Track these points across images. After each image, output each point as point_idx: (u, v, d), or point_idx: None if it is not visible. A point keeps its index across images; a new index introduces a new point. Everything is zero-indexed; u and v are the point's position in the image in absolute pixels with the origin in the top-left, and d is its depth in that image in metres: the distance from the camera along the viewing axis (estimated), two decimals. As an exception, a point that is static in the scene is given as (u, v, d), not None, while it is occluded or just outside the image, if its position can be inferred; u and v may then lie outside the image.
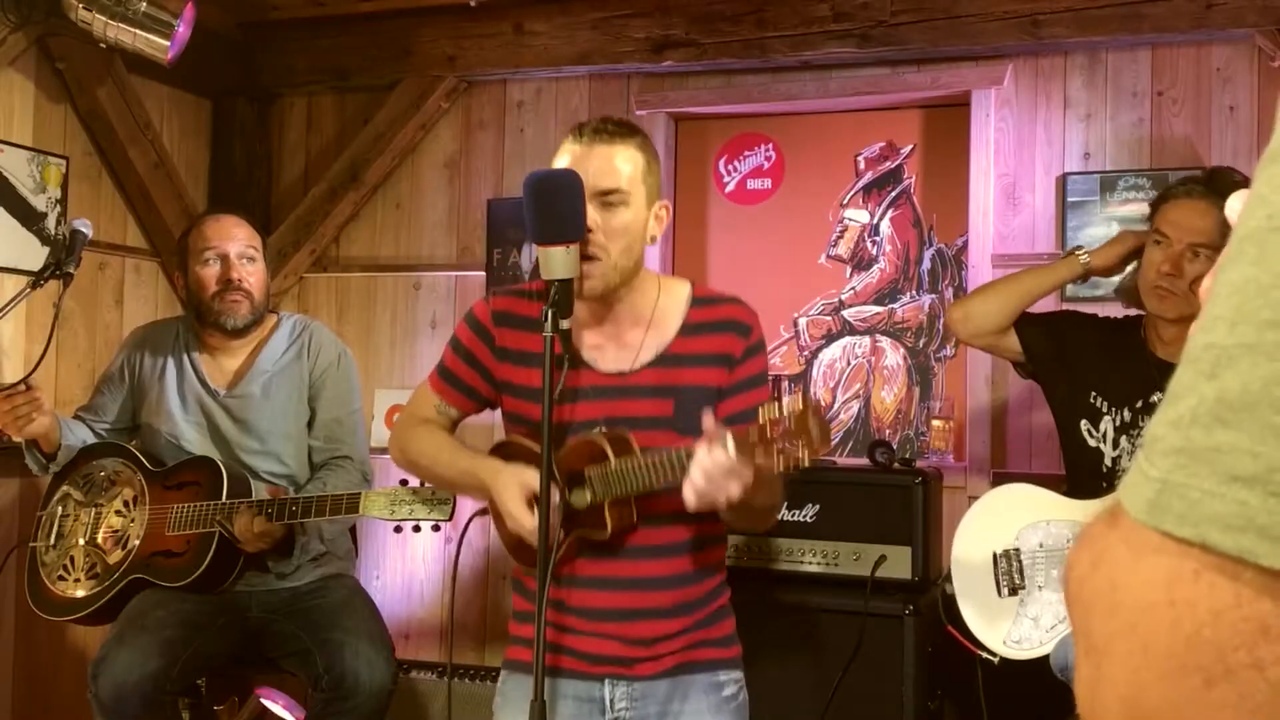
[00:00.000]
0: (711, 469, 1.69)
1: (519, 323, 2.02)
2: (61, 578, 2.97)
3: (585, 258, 1.87)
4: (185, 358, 3.02)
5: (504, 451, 2.03)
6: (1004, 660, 2.77)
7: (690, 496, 1.73)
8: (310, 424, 3.02)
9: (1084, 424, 2.78)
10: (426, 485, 2.67)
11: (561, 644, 1.96)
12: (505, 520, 1.92)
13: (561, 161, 1.95)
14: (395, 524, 2.71)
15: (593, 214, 1.88)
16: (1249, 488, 0.35)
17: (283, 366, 3.01)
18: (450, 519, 2.67)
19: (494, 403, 2.10)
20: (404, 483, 2.71)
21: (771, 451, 1.67)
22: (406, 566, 4.20)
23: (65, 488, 3.03)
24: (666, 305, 1.99)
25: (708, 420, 1.73)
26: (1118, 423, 2.75)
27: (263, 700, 3.05)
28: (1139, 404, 2.74)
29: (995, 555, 2.80)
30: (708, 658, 1.99)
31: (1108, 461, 2.77)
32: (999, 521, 2.82)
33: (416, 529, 2.71)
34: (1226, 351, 0.36)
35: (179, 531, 2.84)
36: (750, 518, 1.94)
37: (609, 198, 1.90)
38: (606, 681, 1.96)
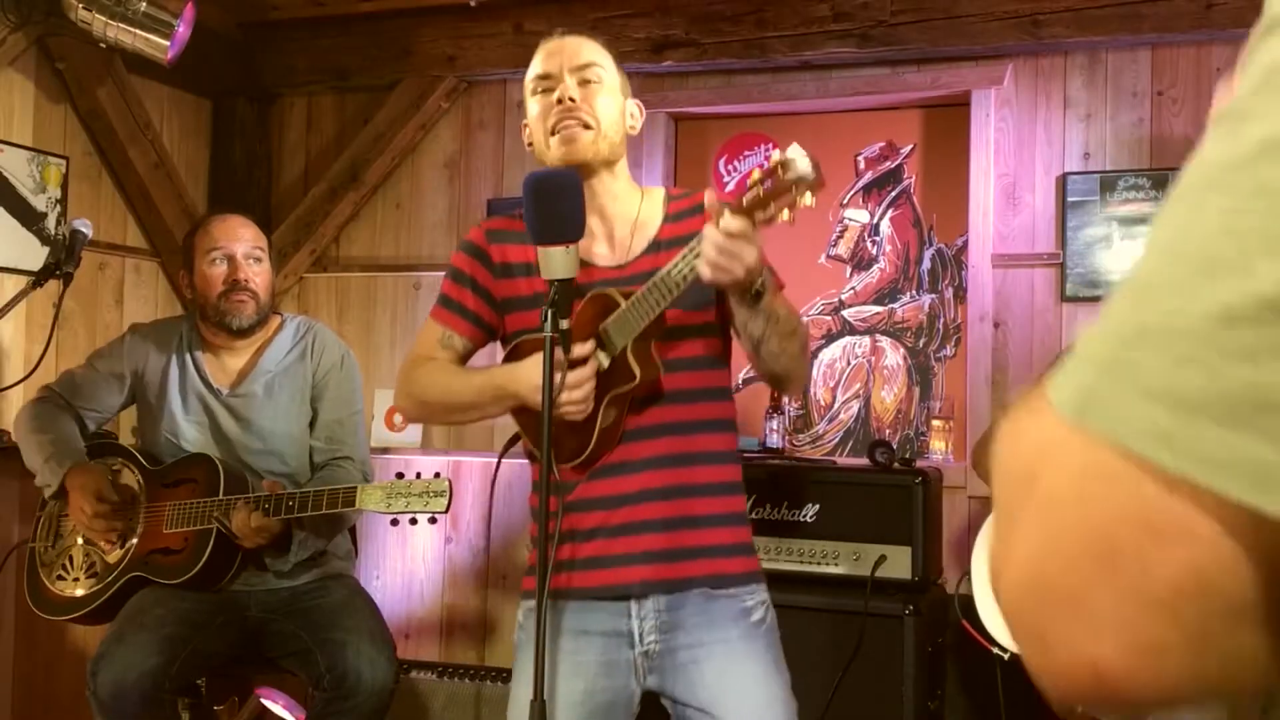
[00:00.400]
0: (721, 239, 1.72)
1: (514, 237, 2.05)
2: (60, 577, 2.97)
3: (577, 125, 1.94)
4: (188, 357, 3.02)
5: (515, 354, 2.02)
6: (1014, 656, 2.80)
7: (705, 270, 1.74)
8: (312, 424, 3.02)
9: None
10: (423, 478, 2.66)
11: (589, 554, 1.94)
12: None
13: (537, 61, 2.04)
14: (392, 517, 2.70)
15: (574, 89, 1.97)
16: (1158, 402, 0.40)
17: (286, 367, 3.02)
18: (447, 510, 2.65)
19: (496, 331, 2.09)
20: (400, 476, 2.70)
21: (768, 203, 1.70)
22: (406, 566, 4.20)
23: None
24: (650, 202, 2.07)
25: (709, 196, 1.79)
26: None
27: (263, 700, 3.04)
28: None
29: None
30: (731, 571, 1.96)
31: None
32: None
33: (413, 521, 2.70)
34: (1154, 285, 0.41)
35: (176, 529, 2.84)
36: (779, 336, 1.88)
37: (587, 72, 2.00)
38: (633, 607, 1.92)
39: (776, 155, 1.72)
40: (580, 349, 1.87)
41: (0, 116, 3.61)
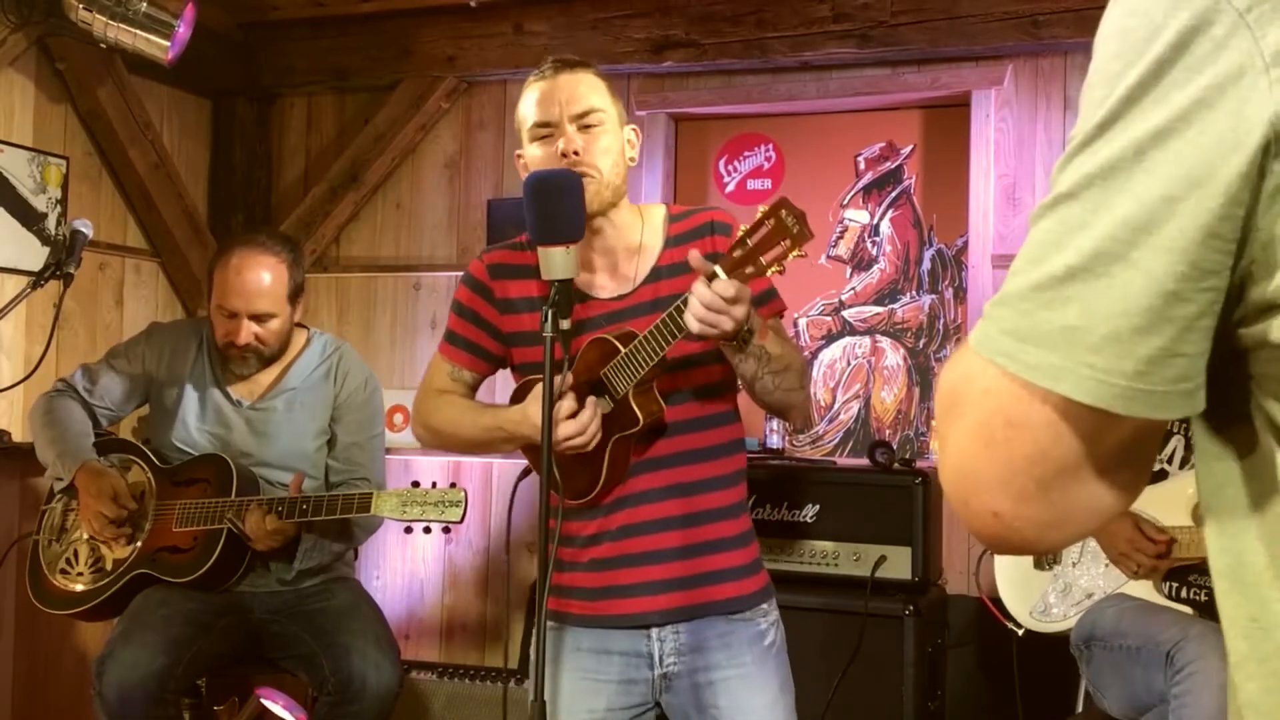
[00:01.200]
0: (710, 298, 1.76)
1: (515, 272, 2.06)
2: (64, 571, 2.96)
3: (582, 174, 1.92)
4: (208, 366, 2.99)
5: (522, 394, 2.06)
6: (1028, 632, 2.81)
7: (694, 325, 1.79)
8: (330, 444, 3.01)
9: None
10: (438, 487, 2.67)
11: (608, 584, 1.99)
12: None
13: (529, 102, 2.00)
14: (406, 525, 2.70)
15: (575, 138, 1.94)
16: (1008, 335, 0.67)
17: (310, 385, 2.99)
18: (461, 521, 2.65)
19: (505, 360, 2.13)
20: (415, 484, 2.70)
21: (757, 259, 1.76)
22: (407, 566, 4.20)
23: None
24: (651, 226, 2.06)
25: (693, 256, 1.82)
26: (1190, 439, 2.72)
27: (263, 700, 3.04)
28: None
29: None
30: (747, 592, 2.01)
31: (1165, 481, 2.76)
32: None
33: (427, 530, 2.70)
34: (1014, 270, 0.68)
35: (186, 528, 2.83)
36: (771, 374, 1.93)
37: (587, 119, 1.96)
38: (654, 632, 1.98)
39: (762, 211, 1.77)
40: (567, 403, 1.90)
41: (0, 116, 3.61)
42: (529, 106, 2.00)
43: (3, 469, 3.51)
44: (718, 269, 1.77)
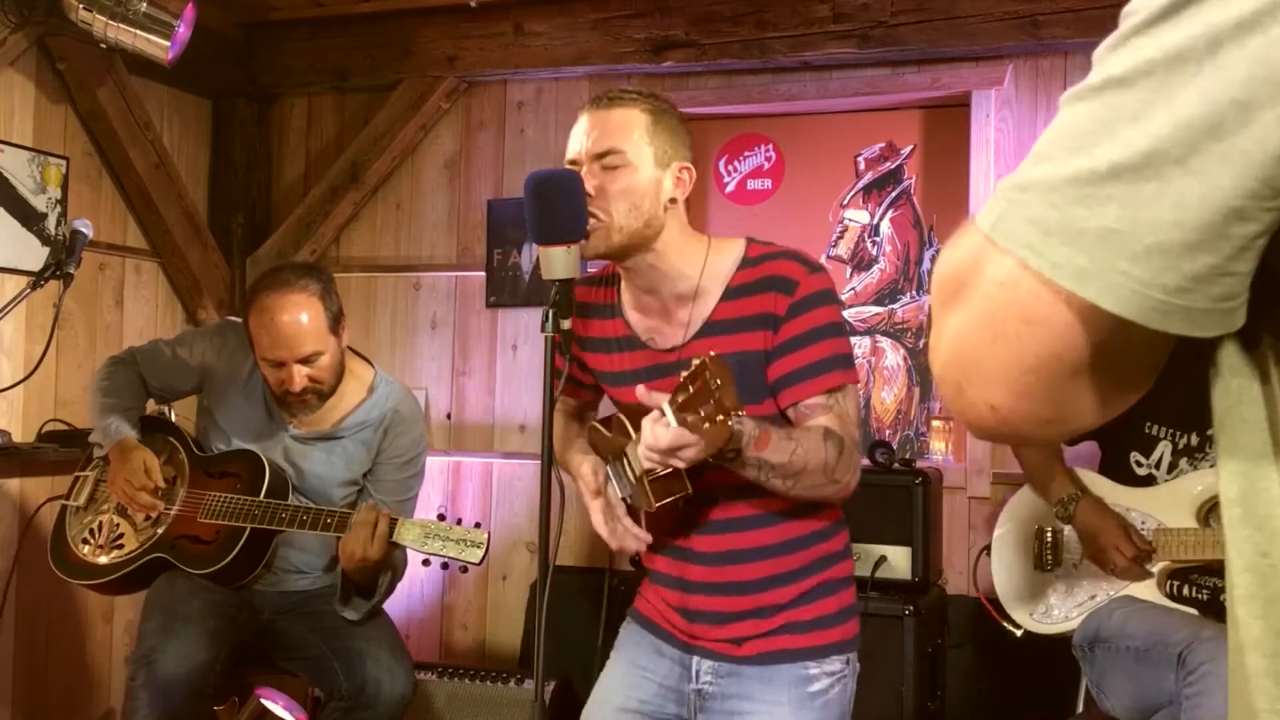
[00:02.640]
0: (650, 441, 1.67)
1: (594, 311, 2.10)
2: (86, 541, 2.97)
3: (591, 219, 1.88)
4: (261, 381, 2.96)
5: (594, 436, 2.14)
6: (1027, 633, 2.81)
7: (644, 461, 1.76)
8: (362, 491, 2.99)
9: (1133, 455, 2.78)
10: (461, 524, 2.66)
11: (662, 606, 2.04)
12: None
13: (573, 132, 1.99)
14: (424, 557, 2.69)
15: (594, 178, 1.91)
16: (1034, 226, 0.62)
17: (357, 439, 2.96)
18: (481, 563, 2.61)
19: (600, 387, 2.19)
20: (441, 517, 2.68)
21: (697, 409, 1.58)
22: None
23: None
24: (714, 271, 1.94)
25: (639, 391, 1.72)
26: (1179, 445, 2.71)
27: (263, 700, 3.04)
28: (1210, 431, 2.67)
29: (1040, 530, 2.85)
30: (796, 646, 1.92)
31: (1159, 484, 2.75)
32: None
33: (445, 566, 2.68)
34: (1043, 154, 0.62)
35: (211, 520, 2.84)
36: (780, 479, 1.79)
37: (605, 159, 1.92)
38: (696, 656, 1.98)
39: (695, 361, 1.60)
40: (596, 509, 1.98)
41: (0, 116, 3.61)
42: (570, 138, 1.99)
43: (3, 469, 3.51)
44: (665, 408, 1.62)
